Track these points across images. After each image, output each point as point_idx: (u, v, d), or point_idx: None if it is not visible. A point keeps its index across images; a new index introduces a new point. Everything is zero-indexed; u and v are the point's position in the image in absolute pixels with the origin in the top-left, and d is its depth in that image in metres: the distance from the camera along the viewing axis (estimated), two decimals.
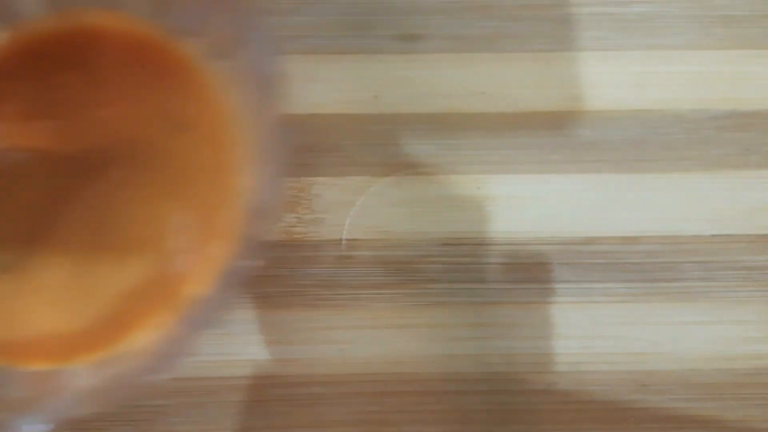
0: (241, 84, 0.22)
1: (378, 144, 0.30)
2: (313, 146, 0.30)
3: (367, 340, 0.28)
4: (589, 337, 0.29)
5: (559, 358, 0.28)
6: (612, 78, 0.30)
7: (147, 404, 0.28)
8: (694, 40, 0.31)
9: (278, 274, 0.29)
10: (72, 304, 0.23)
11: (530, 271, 0.29)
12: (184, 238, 0.23)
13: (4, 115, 0.23)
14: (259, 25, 0.20)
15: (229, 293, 0.20)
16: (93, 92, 0.23)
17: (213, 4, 0.21)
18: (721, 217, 0.29)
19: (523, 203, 0.29)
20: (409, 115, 0.30)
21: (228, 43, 0.22)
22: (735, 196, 0.29)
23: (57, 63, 0.23)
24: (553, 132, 0.30)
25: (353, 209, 0.29)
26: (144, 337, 0.23)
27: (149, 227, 0.23)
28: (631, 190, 0.29)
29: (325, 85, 0.30)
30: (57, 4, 0.23)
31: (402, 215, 0.29)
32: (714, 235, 0.29)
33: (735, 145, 0.30)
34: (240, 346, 0.28)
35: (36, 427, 0.19)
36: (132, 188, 0.23)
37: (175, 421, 0.28)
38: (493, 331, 0.29)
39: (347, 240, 0.29)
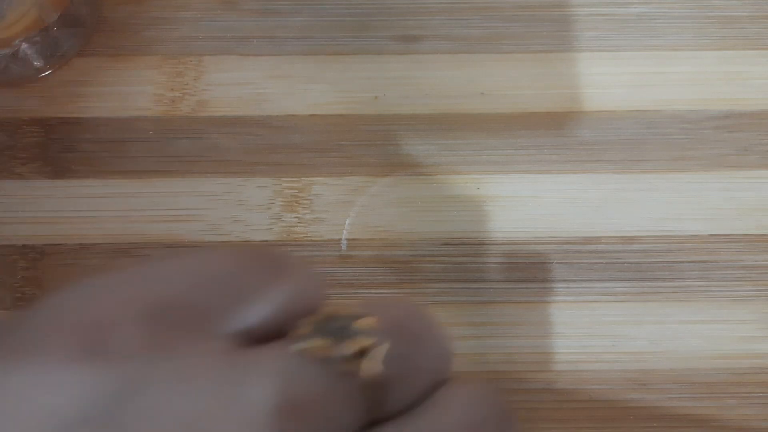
0: None
1: (378, 144, 0.30)
2: (313, 146, 0.30)
3: None
4: (588, 336, 0.29)
5: (558, 356, 0.29)
6: (610, 78, 0.30)
7: None
8: (692, 41, 0.31)
9: None
10: None
11: (529, 271, 0.29)
12: None
13: None
14: None
15: None
16: None
17: None
18: (719, 217, 0.29)
19: (522, 203, 0.30)
20: (409, 115, 0.30)
21: None
22: (733, 196, 0.30)
23: None
24: (552, 132, 0.30)
25: (353, 209, 0.29)
26: None
27: None
28: (629, 190, 0.30)
29: (325, 86, 0.30)
30: None
31: (402, 215, 0.29)
32: (712, 235, 0.29)
33: (733, 145, 0.30)
34: None
35: None
36: None
37: None
38: (493, 330, 0.29)
39: (347, 240, 0.29)
